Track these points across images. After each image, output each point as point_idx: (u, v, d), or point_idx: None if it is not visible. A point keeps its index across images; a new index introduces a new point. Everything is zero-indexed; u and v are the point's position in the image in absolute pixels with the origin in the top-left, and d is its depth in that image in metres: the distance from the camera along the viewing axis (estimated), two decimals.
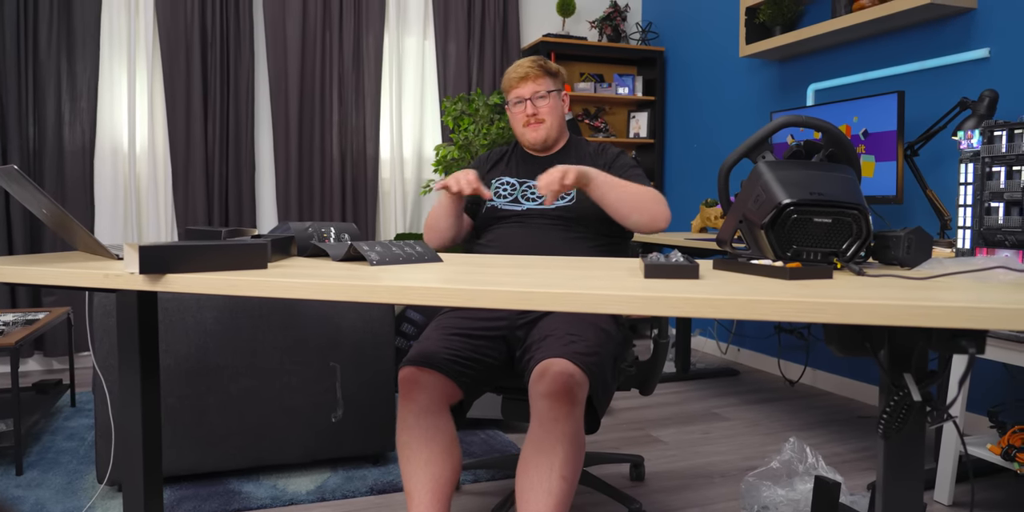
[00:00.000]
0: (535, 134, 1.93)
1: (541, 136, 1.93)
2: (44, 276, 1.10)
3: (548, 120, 1.92)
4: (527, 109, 1.91)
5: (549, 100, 1.92)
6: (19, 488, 2.09)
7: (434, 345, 1.64)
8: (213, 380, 2.08)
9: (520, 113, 1.93)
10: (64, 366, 3.67)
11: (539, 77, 1.92)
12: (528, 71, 1.91)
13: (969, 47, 2.61)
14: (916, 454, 1.04)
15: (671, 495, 2.10)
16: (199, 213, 3.74)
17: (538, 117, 1.91)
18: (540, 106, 1.91)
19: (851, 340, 1.01)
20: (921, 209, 2.81)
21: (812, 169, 1.17)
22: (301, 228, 1.40)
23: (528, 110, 1.91)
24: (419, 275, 1.04)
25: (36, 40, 3.46)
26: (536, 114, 1.91)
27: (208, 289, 1.02)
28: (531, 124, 1.92)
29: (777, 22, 3.32)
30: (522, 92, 1.92)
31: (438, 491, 1.48)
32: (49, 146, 3.51)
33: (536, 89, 1.91)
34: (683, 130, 4.30)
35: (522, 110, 1.93)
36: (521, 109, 1.93)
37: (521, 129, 1.95)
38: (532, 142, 1.95)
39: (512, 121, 1.97)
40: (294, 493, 2.06)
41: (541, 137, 1.93)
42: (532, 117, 1.91)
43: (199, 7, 3.68)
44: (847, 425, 2.77)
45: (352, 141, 4.02)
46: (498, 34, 4.28)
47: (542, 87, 1.92)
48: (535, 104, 1.91)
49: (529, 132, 1.93)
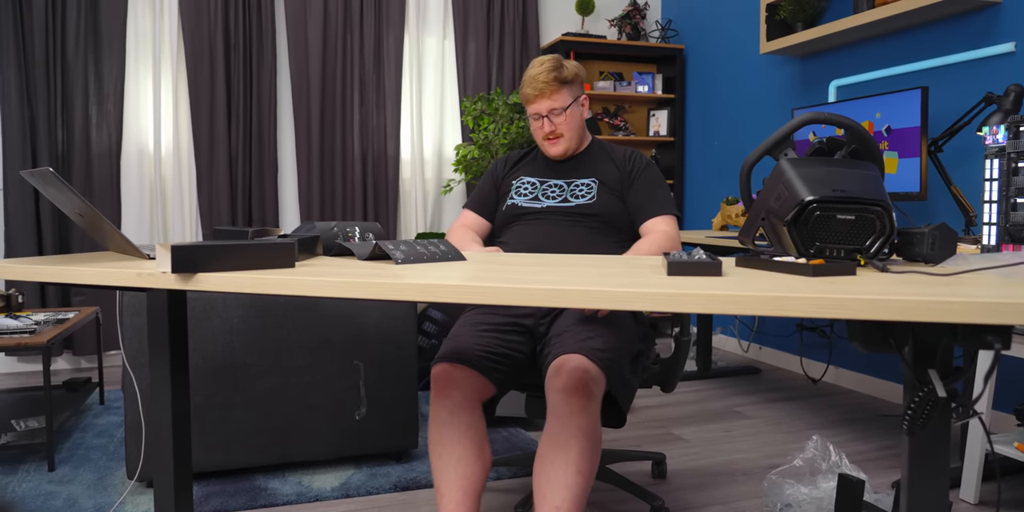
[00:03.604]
0: (555, 149, 1.92)
1: (560, 150, 1.92)
2: (80, 276, 1.13)
3: (567, 134, 1.91)
4: (544, 126, 1.90)
5: (566, 115, 1.89)
6: (51, 484, 2.13)
7: (466, 342, 1.64)
8: (239, 378, 2.12)
9: (538, 128, 1.92)
10: (92, 365, 3.73)
11: (554, 92, 1.87)
12: (543, 87, 1.86)
13: (994, 41, 2.58)
14: (942, 451, 1.03)
15: (693, 493, 2.10)
16: (223, 213, 3.79)
17: (556, 133, 1.90)
18: (558, 122, 1.89)
19: (875, 336, 1.00)
20: (945, 206, 2.79)
21: (835, 166, 1.16)
22: (326, 227, 1.42)
23: (546, 128, 1.90)
24: (445, 273, 1.05)
25: (64, 44, 3.52)
26: (554, 131, 1.90)
27: (238, 288, 1.04)
28: (550, 139, 1.92)
29: (798, 18, 3.30)
30: (539, 109, 1.89)
31: (469, 489, 1.50)
32: (77, 148, 3.57)
33: (552, 106, 1.88)
34: (704, 128, 4.28)
35: (540, 126, 1.91)
36: (539, 124, 1.91)
37: (541, 141, 1.94)
38: (552, 156, 1.95)
39: (532, 130, 1.96)
40: (319, 489, 2.09)
41: (560, 151, 1.92)
42: (551, 133, 1.90)
43: (222, 10, 3.73)
44: (871, 423, 2.75)
45: (373, 141, 4.05)
46: (517, 33, 4.29)
47: (558, 103, 1.88)
48: (552, 121, 1.89)
49: (549, 147, 1.93)
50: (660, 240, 1.78)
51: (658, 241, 1.78)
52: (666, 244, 1.77)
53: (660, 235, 1.80)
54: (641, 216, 1.87)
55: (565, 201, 1.88)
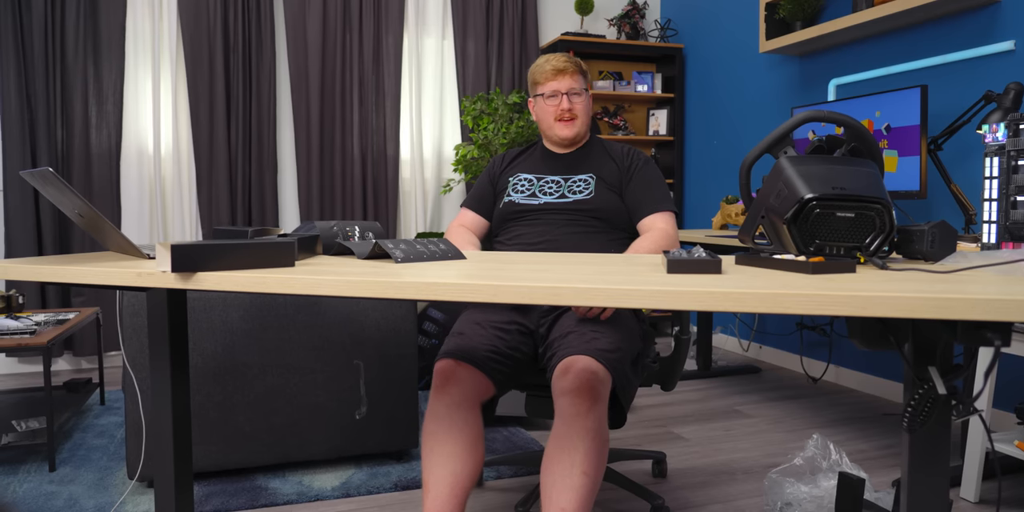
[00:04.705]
0: (567, 130, 1.90)
1: (572, 132, 1.91)
2: (80, 275, 1.13)
3: (581, 117, 1.91)
4: (562, 103, 1.89)
5: (583, 97, 1.91)
6: (52, 484, 2.13)
7: (473, 340, 1.64)
8: (239, 378, 2.12)
9: (554, 107, 1.90)
10: (93, 365, 3.73)
11: (575, 73, 1.91)
12: (566, 65, 1.89)
13: (994, 39, 2.58)
14: (942, 449, 1.03)
15: (694, 491, 2.10)
16: (223, 213, 3.79)
17: (572, 112, 1.90)
18: (575, 102, 1.90)
19: (875, 334, 1.01)
20: (945, 204, 2.79)
21: (834, 164, 1.17)
22: (326, 227, 1.42)
23: (563, 105, 1.89)
24: (444, 272, 1.05)
25: (64, 44, 3.53)
26: (571, 109, 1.89)
27: (238, 287, 1.04)
28: (564, 120, 1.90)
29: (797, 17, 3.30)
30: (559, 86, 1.89)
31: (456, 486, 1.49)
32: (77, 149, 3.58)
33: (572, 85, 1.90)
34: (703, 127, 4.28)
35: (556, 104, 1.90)
36: (555, 103, 1.90)
37: (552, 122, 1.91)
38: (562, 138, 1.92)
39: (541, 114, 1.94)
40: (319, 489, 2.09)
41: (572, 133, 1.91)
42: (567, 112, 1.89)
43: (222, 10, 3.73)
44: (871, 422, 2.75)
45: (372, 141, 4.05)
46: (516, 33, 4.29)
47: (578, 84, 1.91)
48: (571, 100, 1.89)
49: (561, 127, 1.90)
50: (659, 238, 1.78)
51: (657, 239, 1.78)
52: (664, 242, 1.77)
53: (659, 233, 1.80)
54: (639, 213, 1.87)
55: (562, 197, 1.87)
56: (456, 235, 1.93)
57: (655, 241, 1.77)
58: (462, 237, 1.92)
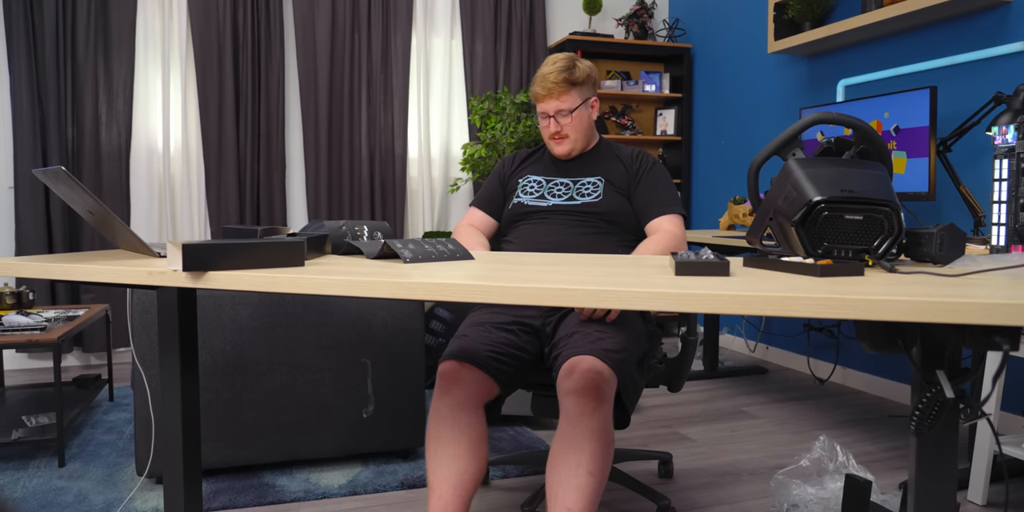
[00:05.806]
0: (559, 148, 1.93)
1: (565, 150, 1.93)
2: (91, 273, 1.14)
3: (573, 135, 1.91)
4: (551, 126, 1.91)
5: (573, 117, 1.89)
6: (61, 479, 2.15)
7: (475, 341, 1.65)
8: (248, 376, 2.13)
9: (545, 127, 1.93)
10: (102, 361, 3.75)
11: (564, 93, 1.86)
12: (552, 88, 1.86)
13: (1003, 41, 2.57)
14: (949, 452, 1.03)
15: (700, 492, 2.10)
16: (231, 212, 3.80)
17: (561, 134, 1.90)
18: (563, 123, 1.89)
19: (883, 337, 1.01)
20: (954, 206, 2.78)
21: (843, 166, 1.16)
22: (335, 226, 1.43)
23: (551, 128, 1.90)
24: (453, 272, 1.06)
25: (74, 43, 3.55)
26: (559, 131, 1.90)
27: (249, 286, 1.05)
28: (555, 139, 1.92)
29: (806, 17, 3.29)
30: (546, 108, 1.89)
31: (460, 487, 1.50)
32: (87, 147, 3.60)
33: (560, 107, 1.88)
34: (711, 127, 4.27)
35: (547, 124, 1.92)
36: (546, 123, 1.92)
37: (547, 140, 1.95)
38: (556, 155, 1.95)
39: (540, 127, 1.97)
40: (326, 487, 2.10)
41: (565, 151, 1.93)
42: (556, 133, 1.91)
43: (231, 9, 3.74)
44: (878, 424, 2.74)
45: (380, 140, 4.06)
46: (524, 33, 4.29)
47: (566, 104, 1.87)
48: (559, 122, 1.89)
49: (554, 145, 1.94)
50: (666, 239, 1.78)
51: (664, 240, 1.78)
52: (672, 243, 1.77)
53: (666, 234, 1.80)
54: (647, 215, 1.87)
55: (571, 199, 1.88)
56: (466, 234, 1.94)
57: (662, 242, 1.77)
58: (472, 237, 1.93)
